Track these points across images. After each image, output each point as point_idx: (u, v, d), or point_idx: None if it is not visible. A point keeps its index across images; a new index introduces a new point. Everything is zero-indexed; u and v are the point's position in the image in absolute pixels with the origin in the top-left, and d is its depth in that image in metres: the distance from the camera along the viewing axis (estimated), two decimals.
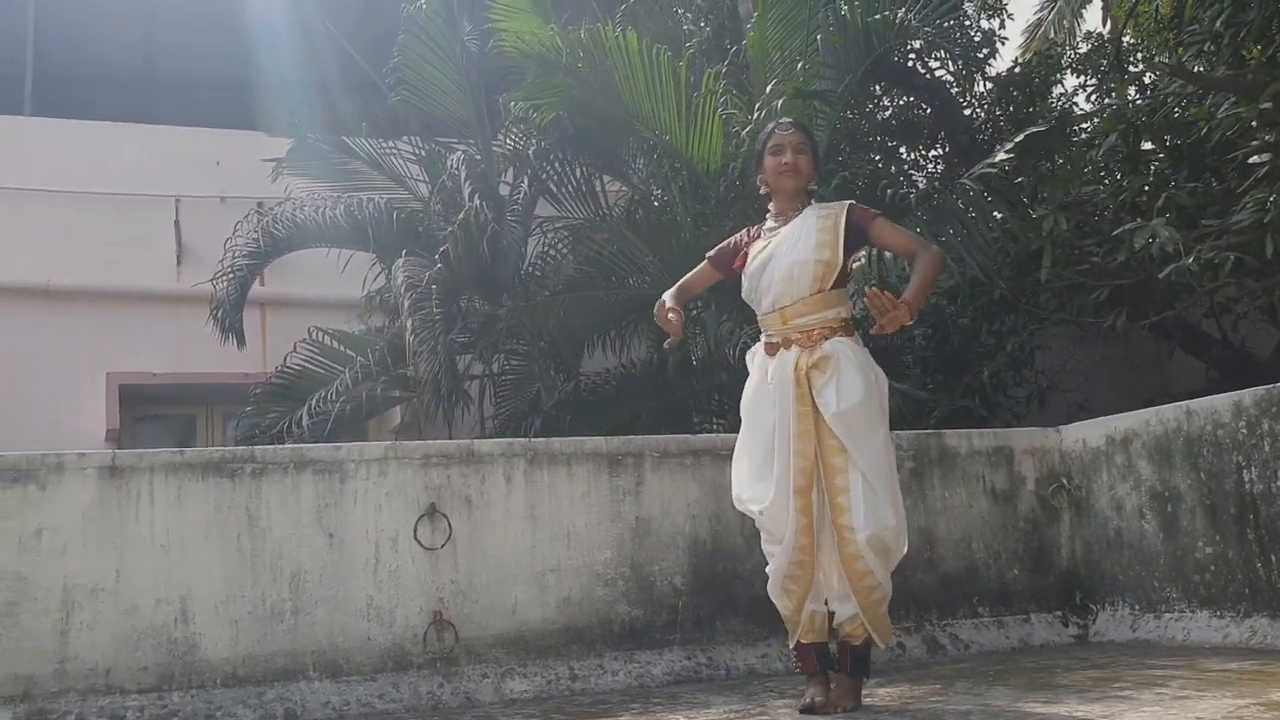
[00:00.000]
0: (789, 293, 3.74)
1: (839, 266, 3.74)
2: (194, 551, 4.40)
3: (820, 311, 3.72)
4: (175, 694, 4.26)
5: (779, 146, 3.87)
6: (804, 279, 3.72)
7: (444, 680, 4.56)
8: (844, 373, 3.64)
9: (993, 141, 8.34)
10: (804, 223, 3.79)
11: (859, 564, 3.59)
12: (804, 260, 3.71)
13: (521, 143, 8.42)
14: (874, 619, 3.66)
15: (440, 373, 6.86)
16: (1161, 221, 5.57)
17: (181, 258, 9.58)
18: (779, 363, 3.74)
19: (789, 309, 3.74)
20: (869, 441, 3.63)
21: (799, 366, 3.67)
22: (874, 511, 3.59)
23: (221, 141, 9.88)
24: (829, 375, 3.65)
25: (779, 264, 3.76)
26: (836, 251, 3.72)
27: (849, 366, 3.66)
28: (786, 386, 3.67)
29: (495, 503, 4.85)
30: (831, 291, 3.74)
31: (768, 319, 3.82)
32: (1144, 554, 5.27)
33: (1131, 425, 5.37)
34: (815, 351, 3.68)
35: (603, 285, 7.83)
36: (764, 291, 3.80)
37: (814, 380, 3.65)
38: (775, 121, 4.13)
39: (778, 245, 3.79)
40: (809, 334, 3.71)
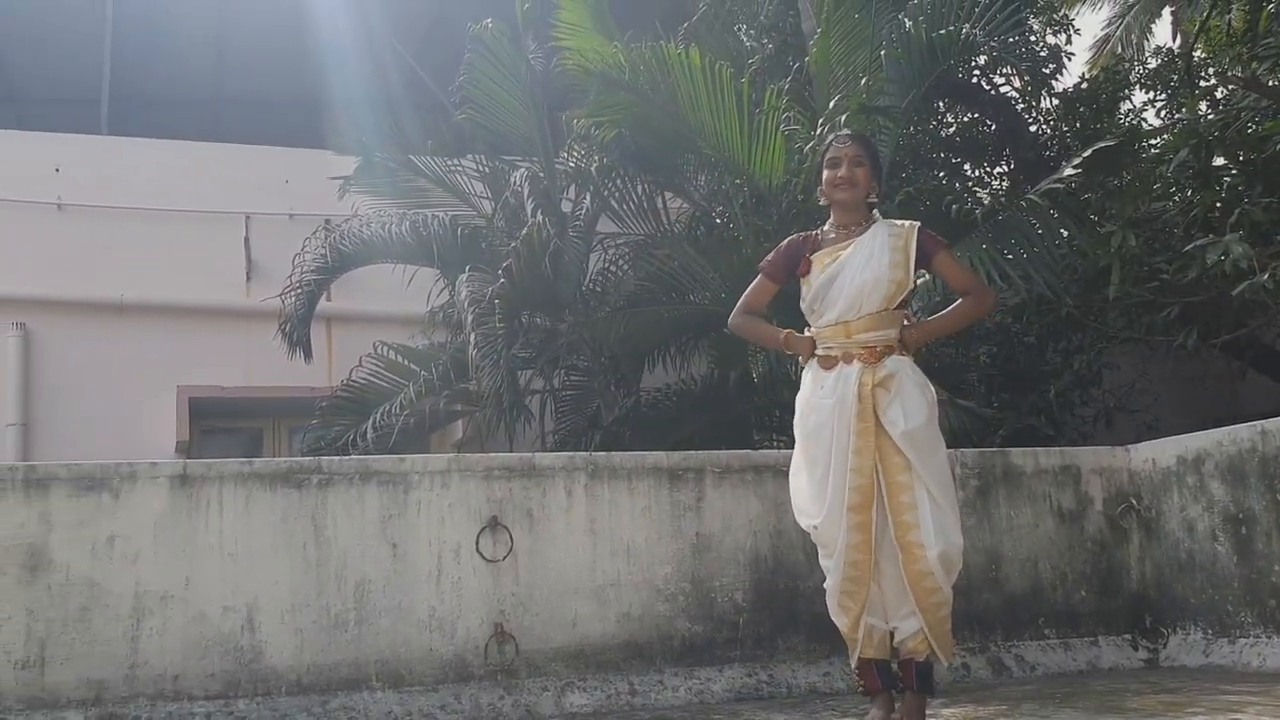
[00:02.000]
0: (857, 307, 3.73)
1: (909, 286, 3.77)
2: (261, 560, 4.47)
3: (884, 329, 3.73)
4: (241, 701, 4.31)
5: (835, 159, 3.86)
6: (875, 296, 3.72)
7: (505, 692, 4.57)
8: (907, 391, 3.67)
9: (1059, 158, 8.25)
10: (875, 239, 3.78)
11: (927, 581, 3.58)
12: (878, 278, 3.71)
13: (584, 160, 8.48)
14: (939, 635, 3.64)
15: (502, 387, 6.92)
16: (1235, 238, 5.47)
17: (251, 274, 9.75)
18: (839, 377, 3.71)
19: (854, 323, 3.73)
20: (934, 460, 3.66)
21: (863, 383, 3.66)
22: (942, 528, 3.60)
23: (290, 160, 10.06)
24: (893, 394, 3.65)
25: (849, 278, 3.74)
26: (908, 272, 3.75)
27: (911, 385, 3.69)
28: (848, 402, 3.65)
29: (556, 516, 4.87)
30: (896, 310, 3.76)
31: (829, 331, 3.78)
32: (1217, 577, 5.15)
33: (1203, 445, 5.26)
34: (879, 369, 3.68)
35: (664, 301, 7.85)
36: (830, 304, 3.78)
37: (879, 398, 3.65)
38: (835, 134, 4.14)
39: (848, 259, 3.77)
40: (872, 350, 3.70)
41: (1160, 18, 12.54)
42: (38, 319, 9.22)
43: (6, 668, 4.15)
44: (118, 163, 9.85)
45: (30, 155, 9.60)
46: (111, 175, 9.72)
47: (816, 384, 3.79)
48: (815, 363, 3.82)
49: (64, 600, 4.25)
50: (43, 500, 4.29)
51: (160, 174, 9.82)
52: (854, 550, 3.62)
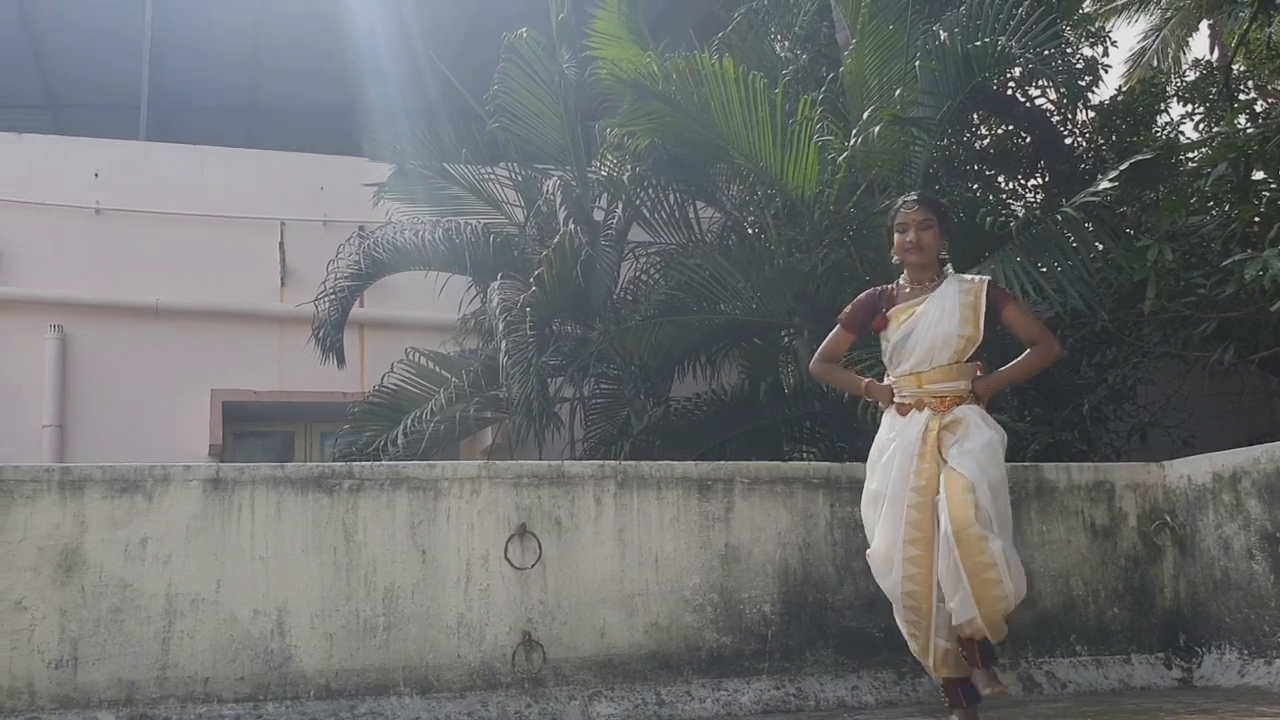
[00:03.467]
0: (929, 360, 4.01)
1: (979, 341, 4.01)
2: (291, 564, 4.49)
3: (954, 381, 4.00)
4: (270, 704, 4.34)
5: (904, 225, 4.12)
6: (946, 350, 3.99)
7: (531, 700, 4.57)
8: (971, 429, 3.93)
9: (1094, 171, 8.18)
10: (946, 297, 4.04)
11: (991, 572, 3.73)
12: (949, 334, 3.98)
13: (616, 169, 8.50)
14: (992, 624, 3.80)
15: (532, 395, 6.93)
16: (1274, 253, 5.40)
17: (285, 279, 9.82)
18: (909, 422, 4.00)
19: (926, 374, 4.01)
20: (993, 472, 3.85)
21: (929, 428, 3.94)
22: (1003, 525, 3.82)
23: (325, 166, 10.15)
24: (958, 436, 3.93)
25: (923, 334, 4.01)
26: (978, 327, 3.99)
27: (977, 433, 3.93)
28: (912, 443, 3.94)
29: (584, 524, 4.87)
30: (966, 363, 4.03)
31: (904, 380, 4.07)
32: (1254, 596, 5.08)
33: (1240, 462, 5.19)
34: (947, 415, 3.96)
35: (694, 310, 7.84)
36: (905, 356, 4.06)
37: (943, 439, 3.93)
38: (903, 199, 4.31)
39: (922, 315, 4.04)
40: (942, 399, 3.98)
41: (1198, 30, 12.43)
42: (74, 322, 9.33)
43: (40, 667, 4.19)
44: (155, 168, 9.97)
45: (70, 160, 9.73)
46: (149, 180, 9.83)
47: (890, 427, 4.10)
48: (893, 408, 4.10)
49: (97, 601, 4.29)
50: (77, 501, 4.33)
51: (197, 179, 9.92)
52: (909, 581, 3.86)
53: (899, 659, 5.09)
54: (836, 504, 5.20)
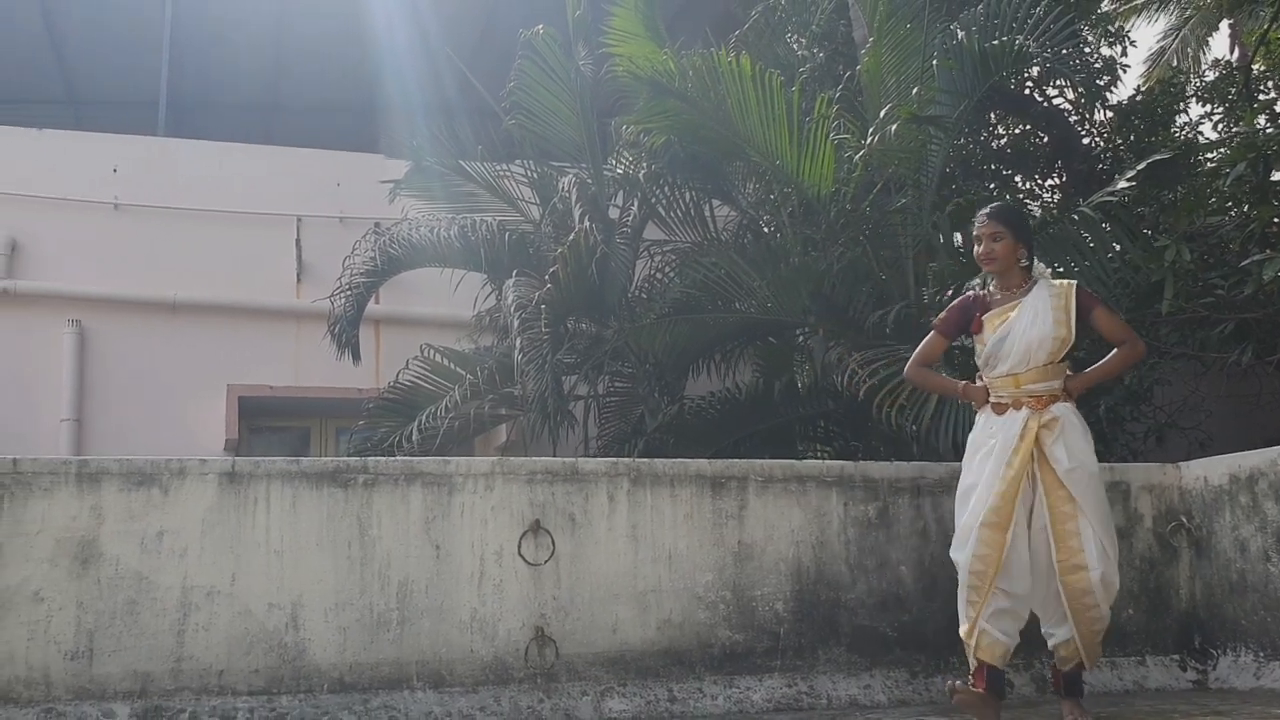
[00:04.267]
0: (1025, 362, 4.22)
1: (1071, 342, 4.24)
2: (306, 558, 4.51)
3: (1049, 380, 4.23)
4: (284, 698, 4.36)
5: (978, 237, 4.38)
6: (1041, 352, 4.21)
7: (544, 696, 4.58)
8: (1070, 434, 4.18)
9: (1112, 171, 8.15)
10: (1038, 300, 4.26)
11: (1087, 599, 4.09)
12: (1043, 337, 4.20)
13: (632, 167, 8.50)
14: (1089, 646, 4.17)
15: (546, 392, 6.93)
16: None
17: (301, 275, 9.86)
18: (1007, 420, 4.22)
19: (1023, 375, 4.23)
20: (1095, 495, 4.17)
21: (1029, 426, 4.17)
22: (1103, 555, 4.10)
23: (342, 163, 10.18)
24: (1056, 435, 4.16)
25: (1018, 337, 4.23)
26: (1070, 329, 4.22)
27: (1073, 430, 4.20)
28: (1011, 441, 4.16)
29: (598, 521, 4.87)
30: (1059, 364, 4.26)
31: (1000, 382, 4.29)
32: (1270, 598, 5.05)
33: (1257, 464, 5.16)
34: (1045, 414, 4.19)
35: (709, 309, 7.83)
36: (1001, 359, 4.28)
37: (1043, 438, 4.16)
38: (979, 212, 4.51)
39: (1016, 320, 4.26)
40: (1039, 398, 4.22)
41: (1218, 30, 12.36)
42: (92, 317, 9.38)
43: (56, 658, 4.22)
44: (174, 164, 10.02)
45: (88, 156, 9.79)
46: (167, 176, 9.88)
47: (986, 425, 4.32)
48: (989, 408, 4.33)
49: (113, 593, 4.31)
50: (94, 494, 4.36)
51: (215, 176, 9.97)
52: (978, 561, 4.09)
53: (912, 658, 5.09)
54: (850, 503, 5.19)
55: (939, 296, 7.32)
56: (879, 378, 6.48)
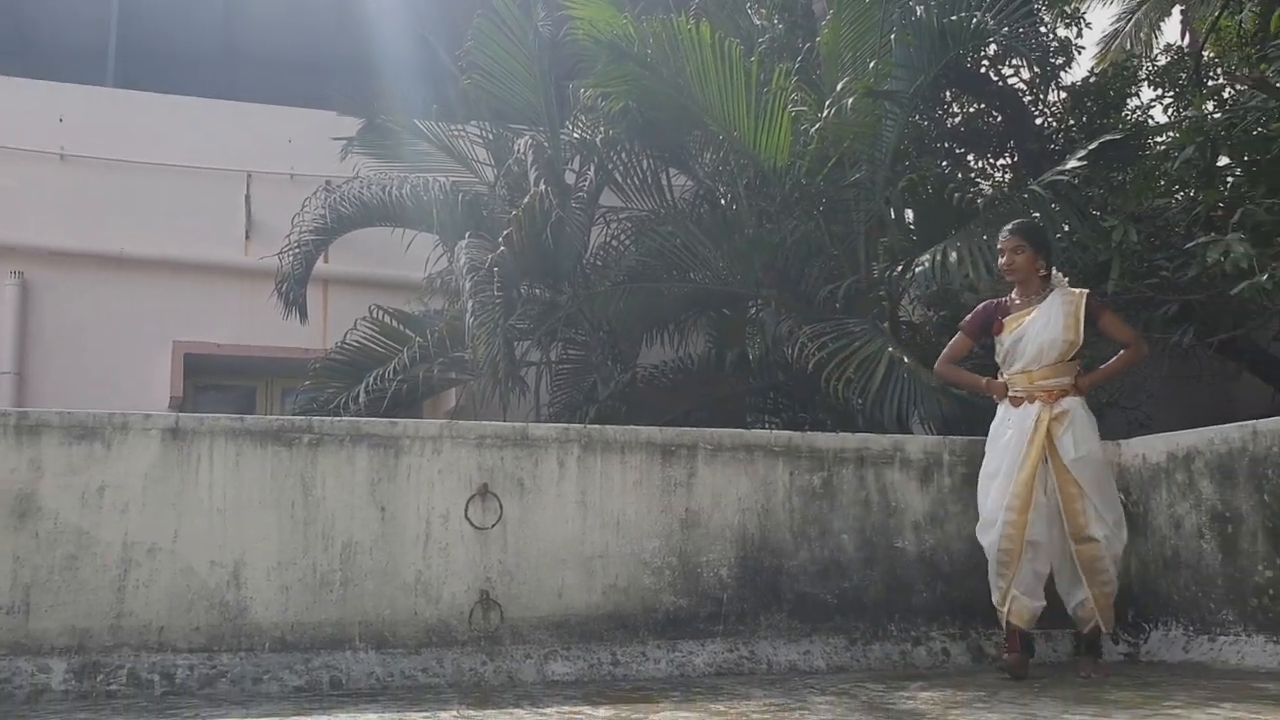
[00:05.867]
0: (1039, 360, 4.76)
1: (1079, 344, 4.76)
2: (249, 517, 4.48)
3: (1060, 377, 4.76)
4: (225, 655, 4.33)
5: (1000, 250, 4.91)
6: (1052, 352, 4.75)
7: (487, 658, 4.60)
8: (1078, 425, 4.71)
9: (1063, 152, 8.22)
10: (1052, 306, 4.78)
11: (1098, 564, 4.69)
12: (1054, 339, 4.74)
13: (589, 131, 8.45)
14: (1103, 608, 4.76)
15: (498, 357, 6.91)
16: (1236, 237, 5.46)
17: (250, 232, 9.73)
18: (1022, 412, 4.77)
19: (1036, 373, 4.77)
20: (1100, 478, 4.74)
21: (1041, 418, 4.70)
22: (1108, 528, 4.70)
23: (294, 119, 10.03)
24: (1066, 426, 4.69)
25: (1032, 338, 4.77)
26: (1079, 333, 4.75)
27: (1081, 422, 4.73)
28: (1026, 432, 4.70)
29: (547, 487, 4.88)
30: (1069, 362, 4.77)
31: (1017, 378, 4.83)
32: (1201, 574, 5.17)
33: (1194, 443, 5.27)
34: (1056, 407, 4.72)
35: (664, 278, 7.84)
36: (1017, 357, 4.83)
37: (1054, 429, 4.69)
38: (1004, 228, 5.00)
39: (1031, 323, 4.80)
40: (1050, 393, 4.75)
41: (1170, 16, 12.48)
42: (36, 268, 9.21)
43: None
44: (122, 115, 9.82)
45: (35, 104, 9.57)
46: (116, 127, 9.69)
47: (1004, 417, 4.86)
48: (1007, 401, 4.86)
49: (51, 548, 4.26)
50: (34, 447, 4.29)
51: (164, 128, 9.79)
52: (1005, 540, 4.66)
53: (851, 625, 5.17)
54: (796, 472, 5.24)
55: (889, 272, 7.39)
56: (828, 351, 6.54)
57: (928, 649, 5.24)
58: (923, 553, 5.38)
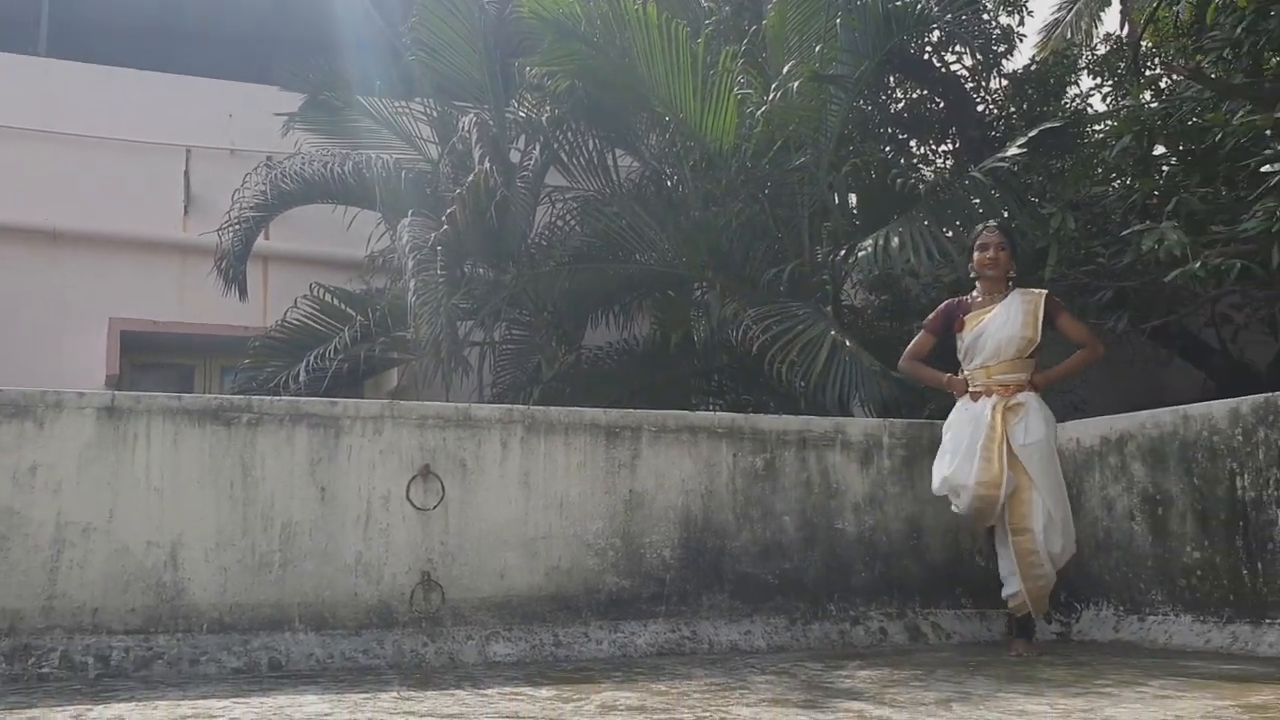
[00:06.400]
0: (996, 356, 4.93)
1: (1037, 342, 4.92)
2: (187, 497, 4.42)
3: (1017, 373, 4.93)
4: (161, 637, 4.28)
5: (985, 244, 5.02)
6: (1010, 349, 4.91)
7: (428, 639, 4.59)
8: (1031, 418, 4.86)
9: (1004, 139, 8.33)
10: (1011, 305, 4.94)
11: (1032, 557, 4.79)
12: (1012, 336, 4.90)
13: (535, 110, 8.41)
14: (1036, 600, 4.89)
15: (440, 337, 6.87)
16: (1170, 225, 5.57)
17: (189, 207, 9.56)
18: (980, 405, 4.93)
19: (994, 368, 4.94)
20: (1048, 470, 4.85)
21: (996, 408, 4.87)
22: (1050, 523, 4.78)
23: (235, 94, 9.86)
24: (1020, 418, 4.85)
25: (991, 335, 4.93)
26: (1037, 331, 4.90)
27: (1035, 415, 4.87)
28: (983, 420, 4.88)
29: (490, 468, 4.87)
30: (1027, 359, 4.93)
31: (975, 373, 5.00)
32: (1132, 555, 5.30)
33: (1127, 427, 5.38)
34: (1011, 400, 4.88)
35: (610, 259, 7.84)
36: (976, 353, 4.99)
37: (1008, 419, 4.85)
38: (984, 225, 5.19)
39: (990, 320, 4.95)
40: (1007, 388, 4.92)
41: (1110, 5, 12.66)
42: None
43: None
44: (57, 86, 9.59)
45: None
46: (50, 99, 9.46)
47: (962, 408, 5.01)
48: (967, 396, 5.01)
49: None
50: None
51: (101, 100, 9.58)
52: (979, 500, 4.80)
53: (792, 605, 5.22)
54: (739, 454, 5.27)
55: (832, 256, 7.45)
56: (772, 334, 6.58)
57: (866, 628, 5.31)
58: (862, 533, 5.46)
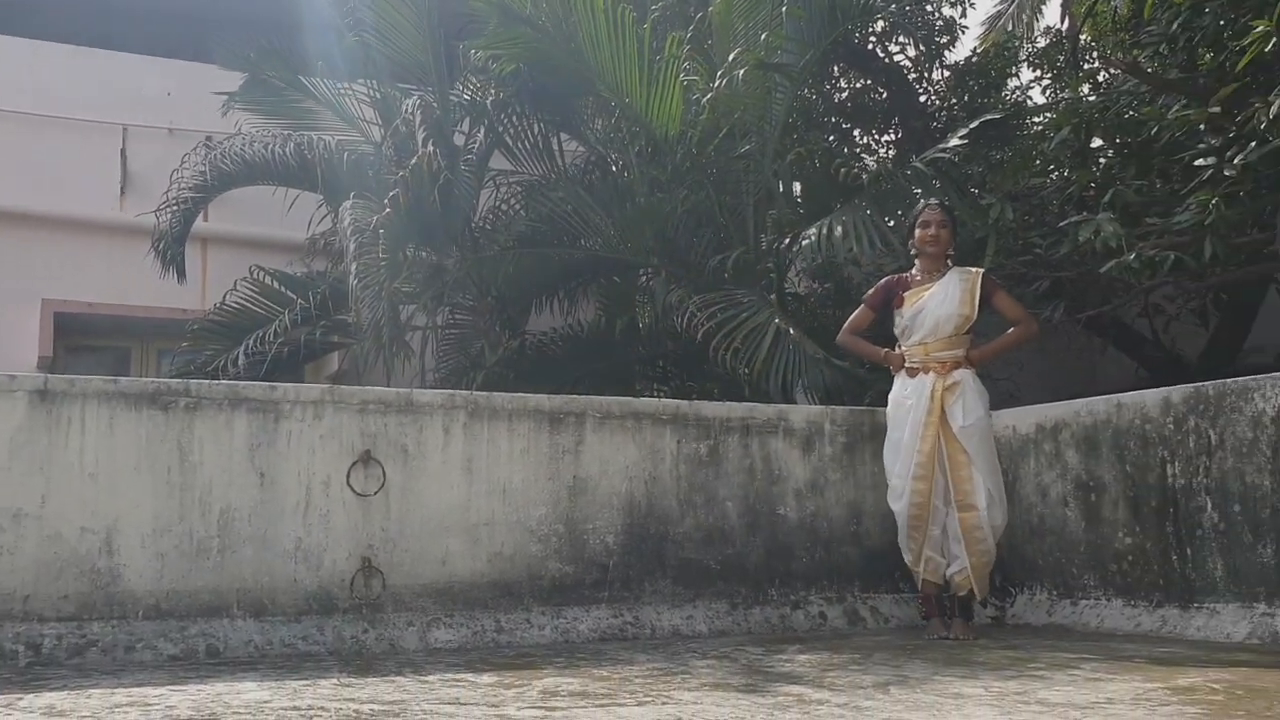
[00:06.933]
0: (934, 333, 5.05)
1: (973, 319, 5.05)
2: (123, 482, 4.35)
3: (953, 350, 5.06)
4: (96, 624, 4.21)
5: (926, 222, 5.12)
6: (947, 326, 5.03)
7: (369, 626, 4.56)
8: (968, 395, 5.01)
9: (945, 130, 8.42)
10: (949, 283, 5.06)
11: (977, 533, 4.95)
12: (950, 314, 5.02)
13: (479, 93, 8.35)
14: (979, 577, 5.01)
15: (382, 321, 6.81)
16: (1106, 217, 5.67)
17: (126, 187, 9.38)
18: (918, 383, 5.05)
19: (931, 345, 5.06)
20: (985, 448, 5.03)
21: (935, 389, 4.99)
22: (990, 498, 4.95)
23: (173, 72, 9.69)
24: (957, 396, 4.99)
25: (929, 313, 5.04)
26: (973, 308, 5.03)
27: (971, 392, 5.03)
28: (922, 401, 5.00)
29: (432, 454, 4.84)
30: (963, 335, 5.06)
31: (914, 349, 5.12)
32: (1065, 541, 5.40)
33: (1062, 415, 5.48)
34: (949, 378, 5.01)
35: (554, 244, 7.81)
36: (914, 330, 5.10)
37: (946, 399, 4.98)
38: (925, 202, 5.33)
39: (929, 298, 5.06)
40: (944, 364, 5.04)
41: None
42: None
43: None
44: None
45: None
46: None
47: (902, 386, 5.13)
48: (904, 372, 5.14)
49: None
50: None
51: (33, 76, 9.35)
52: (915, 507, 5.01)
53: (734, 590, 5.26)
54: (683, 440, 5.30)
55: (777, 244, 7.49)
56: (716, 321, 6.61)
57: (806, 613, 5.37)
58: (804, 519, 5.51)
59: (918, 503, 5.00)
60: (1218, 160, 5.36)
